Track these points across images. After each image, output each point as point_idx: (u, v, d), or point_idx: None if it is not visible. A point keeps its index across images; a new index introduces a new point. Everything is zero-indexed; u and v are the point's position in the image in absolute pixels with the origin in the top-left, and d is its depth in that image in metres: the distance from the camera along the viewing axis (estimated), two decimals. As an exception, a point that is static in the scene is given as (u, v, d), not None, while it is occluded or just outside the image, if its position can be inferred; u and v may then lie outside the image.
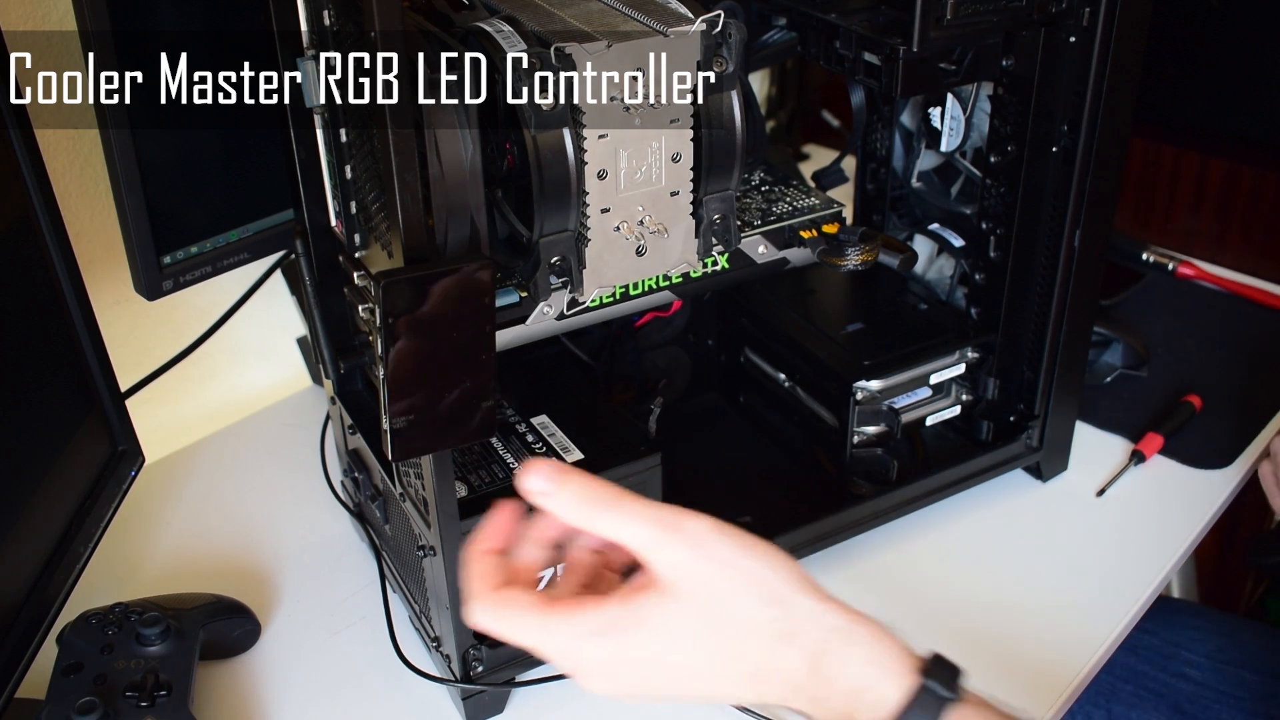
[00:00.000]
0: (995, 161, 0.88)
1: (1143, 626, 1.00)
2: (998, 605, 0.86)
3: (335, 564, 0.90)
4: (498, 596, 0.54)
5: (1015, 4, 0.76)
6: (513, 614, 0.54)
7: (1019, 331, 0.91)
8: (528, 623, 0.53)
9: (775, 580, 0.54)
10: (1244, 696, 0.97)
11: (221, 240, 0.88)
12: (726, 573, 0.53)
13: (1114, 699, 0.99)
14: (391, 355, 0.59)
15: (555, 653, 0.54)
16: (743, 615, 0.53)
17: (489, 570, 0.55)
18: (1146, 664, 1.00)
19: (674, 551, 0.53)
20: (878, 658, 0.53)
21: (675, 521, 0.54)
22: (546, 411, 0.83)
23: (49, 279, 0.74)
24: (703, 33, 0.64)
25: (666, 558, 0.53)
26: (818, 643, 0.53)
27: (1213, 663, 0.99)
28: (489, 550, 0.56)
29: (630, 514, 0.53)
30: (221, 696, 0.80)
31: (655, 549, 0.53)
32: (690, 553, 0.53)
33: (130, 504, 0.83)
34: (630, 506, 0.54)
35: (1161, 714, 0.97)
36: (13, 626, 0.70)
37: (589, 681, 0.54)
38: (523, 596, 0.54)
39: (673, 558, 0.53)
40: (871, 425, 0.91)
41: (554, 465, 0.55)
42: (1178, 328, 1.16)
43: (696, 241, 0.70)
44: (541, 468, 0.54)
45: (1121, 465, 0.98)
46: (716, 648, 0.53)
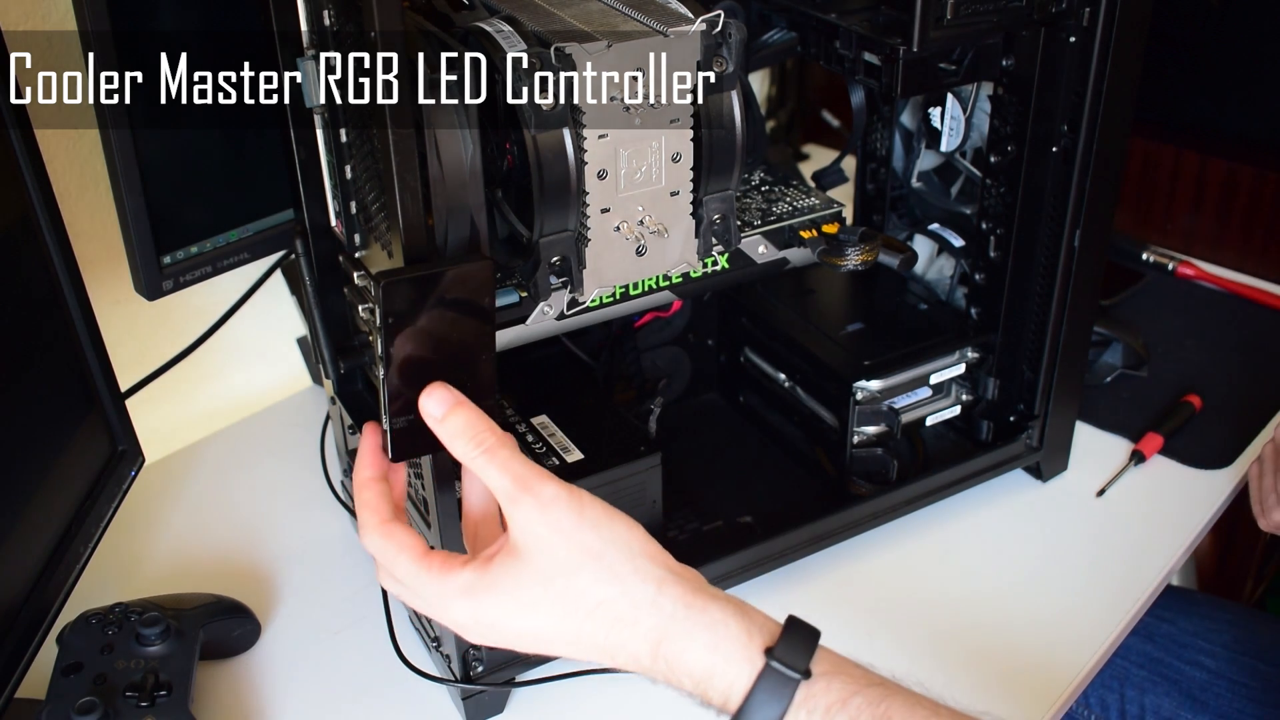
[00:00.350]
0: (995, 161, 0.88)
1: (1160, 615, 1.00)
2: (997, 605, 0.86)
3: (335, 564, 0.90)
4: (385, 530, 0.58)
5: (1015, 4, 0.76)
6: (394, 554, 0.57)
7: (1019, 331, 0.91)
8: (403, 567, 0.57)
9: (616, 559, 0.54)
10: (1256, 686, 0.97)
11: (221, 240, 0.88)
12: (568, 545, 0.54)
13: (1127, 683, 0.99)
14: (391, 355, 0.59)
15: (424, 607, 0.58)
16: (580, 590, 0.54)
17: (376, 500, 0.58)
18: (1161, 650, 1.00)
19: (524, 512, 0.54)
20: (720, 643, 0.53)
21: (531, 482, 0.55)
22: (546, 411, 0.83)
23: (49, 279, 0.74)
24: (703, 33, 0.64)
25: (517, 517, 0.54)
26: (655, 630, 0.53)
27: (1228, 652, 0.99)
28: (375, 477, 0.59)
29: (499, 462, 0.55)
30: (221, 696, 0.80)
31: (509, 504, 0.55)
32: (539, 516, 0.54)
33: (130, 504, 0.83)
34: (501, 455, 0.55)
35: (1173, 699, 0.98)
36: (13, 626, 0.70)
37: (461, 633, 0.57)
38: (406, 538, 0.57)
39: (523, 519, 0.54)
40: (871, 425, 0.91)
41: (452, 393, 0.58)
42: (1178, 328, 1.16)
43: (696, 241, 0.70)
44: (439, 392, 0.58)
45: (1121, 465, 0.98)
46: (561, 617, 0.54)
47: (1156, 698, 0.98)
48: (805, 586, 0.87)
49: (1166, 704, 0.97)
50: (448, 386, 0.59)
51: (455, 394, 0.58)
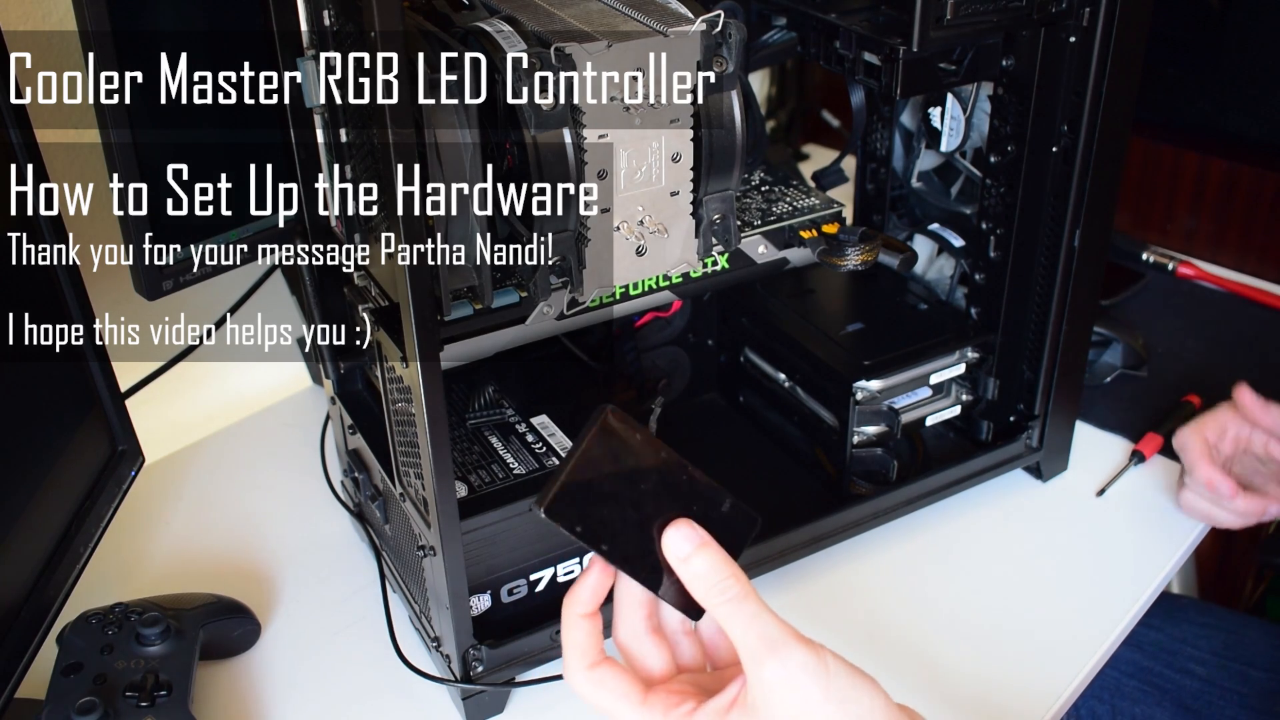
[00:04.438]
0: (995, 161, 0.88)
1: (1148, 623, 1.00)
2: (997, 605, 0.86)
3: (335, 564, 0.90)
4: (594, 676, 0.56)
5: (1015, 4, 0.76)
6: (610, 700, 0.56)
7: (1019, 331, 0.91)
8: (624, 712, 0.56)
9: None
10: (1248, 693, 0.97)
11: (221, 240, 0.88)
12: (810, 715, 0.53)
13: (1119, 694, 0.99)
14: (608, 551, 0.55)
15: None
16: None
17: (585, 640, 0.57)
18: (1151, 660, 1.00)
19: (769, 675, 0.53)
20: None
21: (779, 646, 0.54)
22: (546, 411, 0.83)
23: (49, 279, 0.74)
24: (703, 33, 0.64)
25: (763, 677, 0.54)
26: None
27: (1218, 659, 0.99)
28: (585, 615, 0.57)
29: (745, 615, 0.54)
30: (221, 696, 0.80)
31: (753, 663, 0.54)
32: (784, 684, 0.53)
33: (130, 504, 0.83)
34: (748, 609, 0.54)
35: (1166, 710, 0.97)
36: (13, 626, 0.70)
37: None
38: (619, 684, 0.56)
39: (767, 681, 0.53)
40: (871, 425, 0.91)
41: (697, 533, 0.55)
42: (1178, 328, 1.16)
43: (696, 241, 0.70)
44: (685, 529, 0.55)
45: (1121, 465, 0.98)
46: None
47: (1148, 708, 0.97)
48: (805, 586, 0.87)
49: (1160, 715, 0.97)
50: (692, 524, 0.55)
51: (700, 533, 0.56)
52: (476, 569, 0.75)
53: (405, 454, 0.74)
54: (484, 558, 0.75)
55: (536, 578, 0.78)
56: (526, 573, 0.78)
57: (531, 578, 0.78)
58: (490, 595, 0.77)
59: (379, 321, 0.72)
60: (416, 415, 0.67)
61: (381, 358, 0.73)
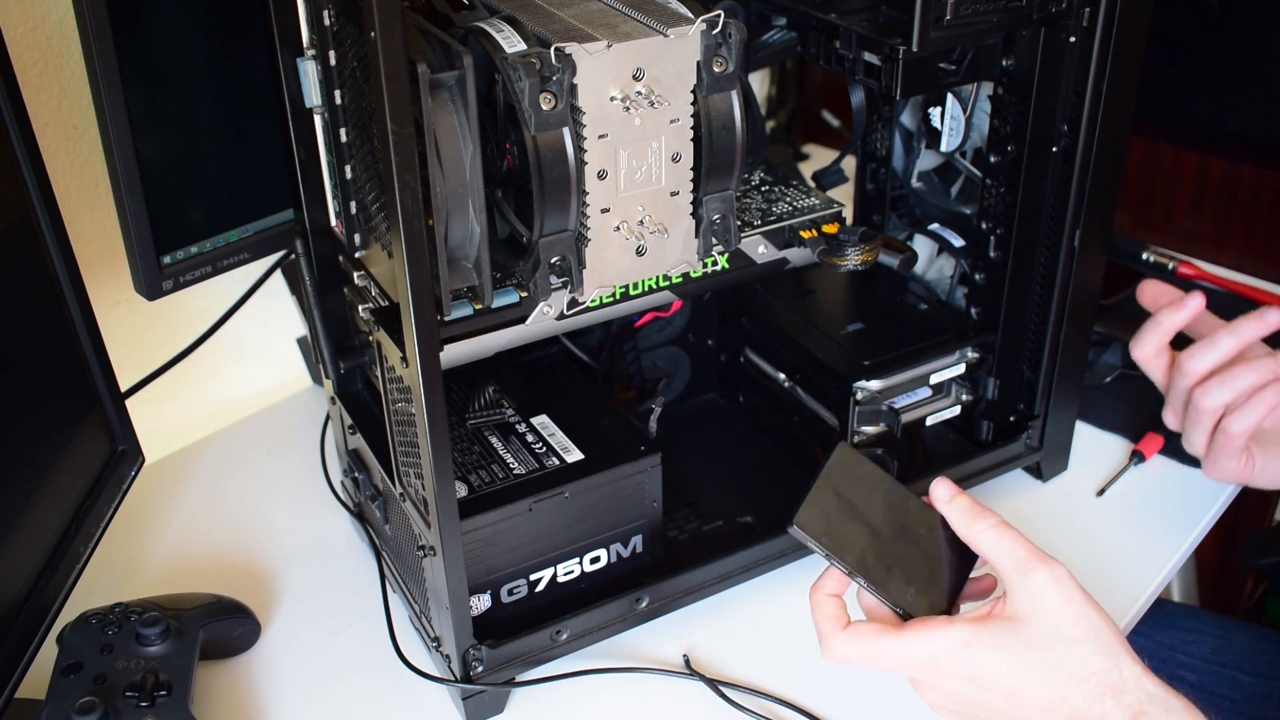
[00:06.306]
0: (995, 161, 0.88)
1: (1138, 630, 0.99)
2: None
3: (335, 564, 0.90)
4: (852, 631, 0.64)
5: (1015, 4, 0.76)
6: (869, 642, 0.63)
7: (1019, 331, 0.91)
8: (883, 647, 0.63)
9: (1111, 636, 0.61)
10: (1238, 698, 0.96)
11: (221, 240, 0.88)
12: (1075, 616, 0.60)
13: None
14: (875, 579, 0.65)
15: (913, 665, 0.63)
16: (1078, 659, 0.60)
17: (836, 611, 0.65)
18: None
19: (1036, 581, 0.61)
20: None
21: (1044, 556, 0.62)
22: (546, 411, 0.83)
23: (49, 279, 0.74)
24: (703, 33, 0.64)
25: (1028, 585, 0.61)
26: (1139, 703, 0.59)
27: (1208, 665, 0.99)
28: (832, 594, 0.66)
29: (1008, 535, 0.63)
30: (221, 696, 0.80)
31: (1019, 573, 0.62)
32: (1052, 588, 0.61)
33: (130, 504, 0.83)
34: (1010, 531, 0.64)
35: None
36: (13, 626, 0.70)
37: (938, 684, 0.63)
38: (872, 628, 0.64)
39: (1033, 587, 0.61)
40: (871, 425, 0.91)
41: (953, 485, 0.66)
42: (1178, 328, 1.16)
43: (696, 241, 0.70)
44: (945, 482, 0.66)
45: (1121, 465, 0.98)
46: (1050, 681, 0.60)
47: None
48: (805, 587, 0.86)
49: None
50: (947, 481, 0.67)
51: (954, 486, 0.66)
52: (476, 569, 0.75)
53: (405, 454, 0.74)
54: (484, 558, 0.75)
55: (536, 578, 0.78)
56: (526, 573, 0.78)
57: (531, 578, 0.78)
58: (490, 595, 0.77)
59: (379, 321, 0.72)
60: (416, 415, 0.67)
61: (381, 358, 0.73)
